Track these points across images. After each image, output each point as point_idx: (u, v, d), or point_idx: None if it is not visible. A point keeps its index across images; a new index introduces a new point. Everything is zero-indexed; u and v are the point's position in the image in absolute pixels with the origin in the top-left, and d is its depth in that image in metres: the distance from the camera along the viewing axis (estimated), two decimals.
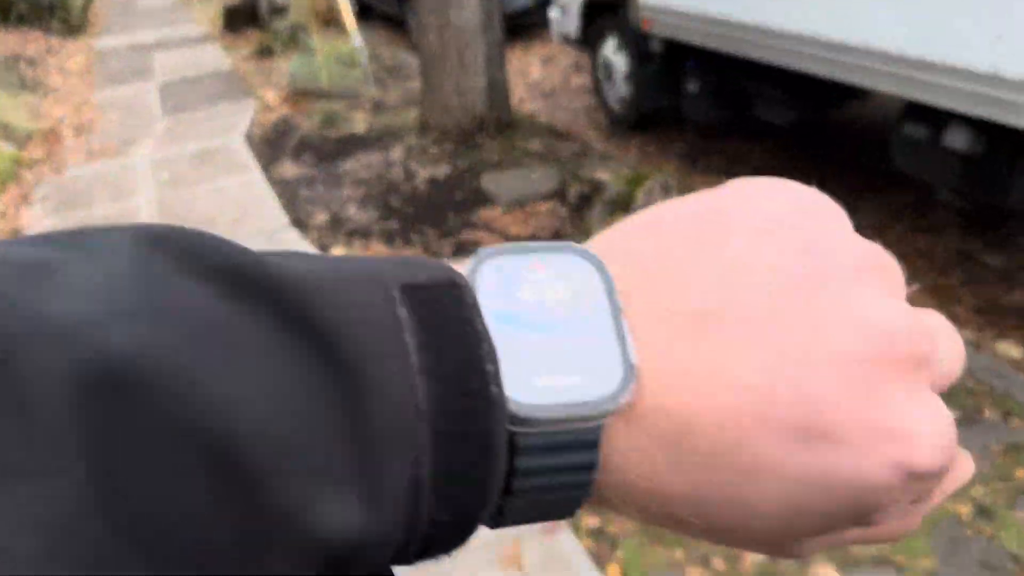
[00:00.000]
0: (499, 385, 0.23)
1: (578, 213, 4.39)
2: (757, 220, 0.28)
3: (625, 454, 0.25)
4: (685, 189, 4.26)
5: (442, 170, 5.00)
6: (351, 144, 5.79)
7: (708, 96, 5.21)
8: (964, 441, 0.28)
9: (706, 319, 0.25)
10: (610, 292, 0.26)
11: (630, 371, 0.25)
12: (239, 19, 10.32)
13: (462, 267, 0.26)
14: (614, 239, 0.29)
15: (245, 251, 0.22)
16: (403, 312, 0.23)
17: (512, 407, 0.23)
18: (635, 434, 0.25)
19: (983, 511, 2.28)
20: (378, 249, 4.18)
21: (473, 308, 0.24)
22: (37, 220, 4.78)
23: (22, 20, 11.13)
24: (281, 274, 0.21)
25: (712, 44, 4.65)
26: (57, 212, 4.88)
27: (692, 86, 5.29)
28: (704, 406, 0.24)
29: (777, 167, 5.34)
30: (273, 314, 0.21)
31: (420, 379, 0.22)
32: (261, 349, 0.20)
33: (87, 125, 7.12)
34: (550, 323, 0.25)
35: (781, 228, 0.27)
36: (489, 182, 4.81)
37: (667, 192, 3.69)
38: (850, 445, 0.24)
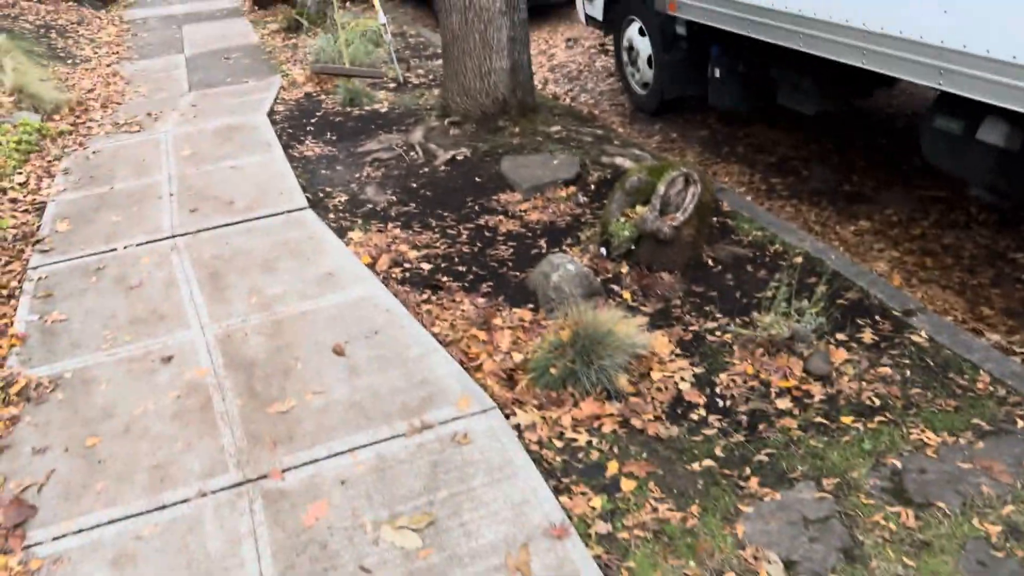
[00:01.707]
0: None
1: (598, 201, 4.23)
2: None
3: None
4: (708, 178, 4.08)
5: (463, 154, 4.84)
6: (372, 123, 5.63)
7: (733, 83, 5.00)
8: (994, 453, 0.14)
9: None
10: None
11: None
12: None
13: None
14: None
15: None
16: None
17: None
18: None
19: (1014, 530, 2.13)
20: (395, 232, 4.05)
21: None
22: (58, 193, 4.68)
23: None
24: None
25: (740, 30, 4.43)
26: (79, 186, 4.78)
27: (717, 72, 5.08)
28: None
29: (802, 157, 5.12)
30: None
31: None
32: None
33: (114, 97, 7.01)
34: None
35: None
36: (509, 166, 4.64)
37: (690, 184, 3.51)
38: None
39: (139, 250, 3.92)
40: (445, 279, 3.64)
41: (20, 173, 4.90)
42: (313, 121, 5.79)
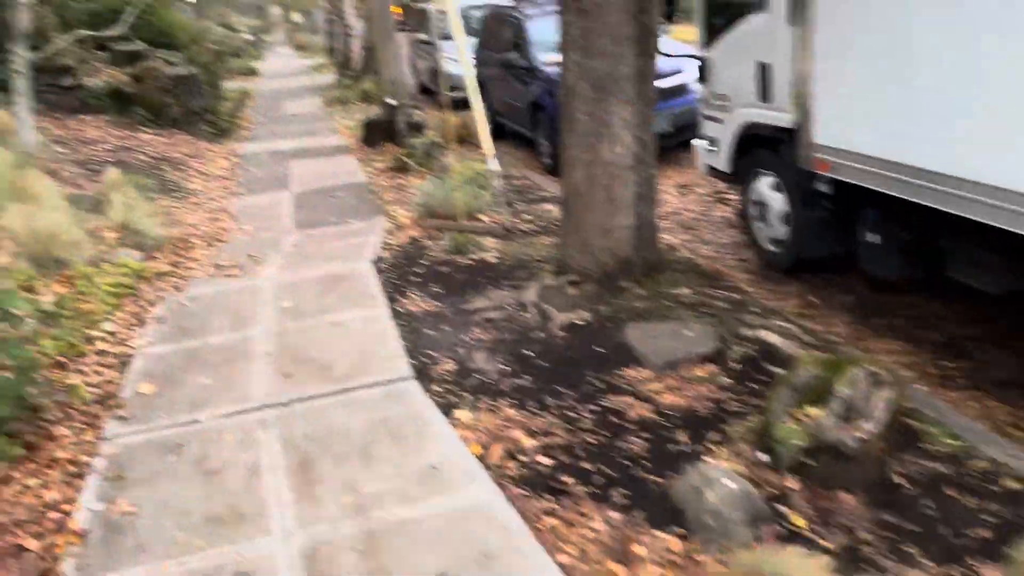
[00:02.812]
0: None
1: (744, 384, 3.62)
2: None
3: None
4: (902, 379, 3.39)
5: (582, 317, 4.35)
6: (481, 275, 5.25)
7: (892, 250, 4.41)
8: None
9: None
10: None
11: None
12: (377, 133, 10.26)
13: None
14: None
15: None
16: None
17: None
18: None
19: None
20: (508, 413, 3.52)
21: None
22: (147, 345, 4.39)
23: (175, 123, 11.49)
24: None
25: (905, 194, 3.89)
26: (170, 338, 4.49)
27: (872, 236, 4.51)
28: None
29: (974, 336, 4.42)
30: None
31: None
32: None
33: (219, 234, 6.94)
34: None
35: None
36: (635, 336, 4.11)
37: (879, 386, 2.89)
38: None
39: (225, 423, 3.50)
40: (569, 480, 3.06)
41: (111, 320, 4.66)
42: (419, 270, 5.45)
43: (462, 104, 12.17)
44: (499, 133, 9.89)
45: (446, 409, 3.56)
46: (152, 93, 11.15)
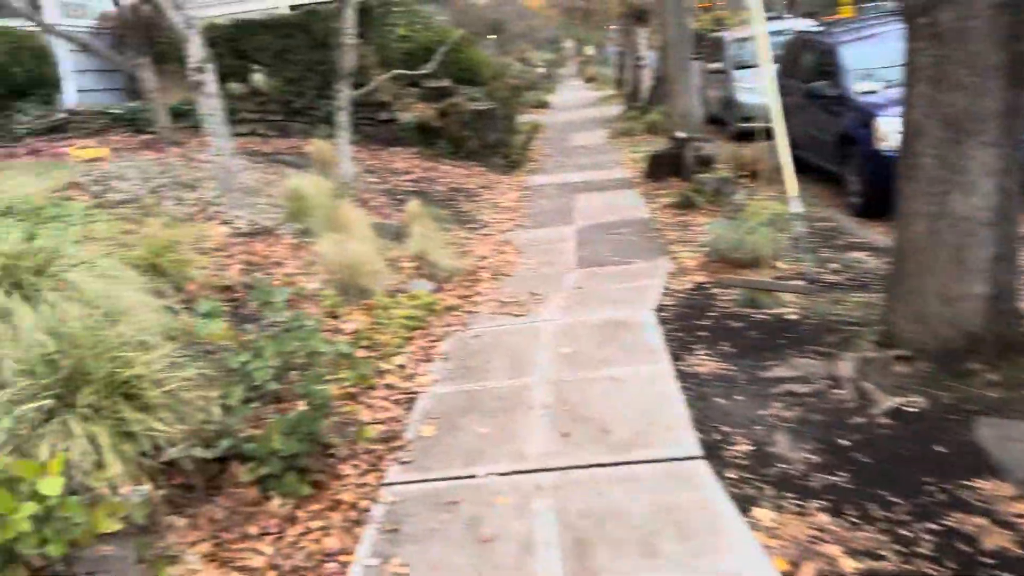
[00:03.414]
0: None
1: None
2: None
3: None
4: None
5: (914, 403, 3.58)
6: (781, 336, 4.63)
7: None
8: None
9: None
10: None
11: None
12: (663, 166, 9.90)
13: None
14: None
15: None
16: None
17: None
18: None
19: None
20: (821, 520, 2.92)
21: None
22: (432, 383, 4.38)
23: (472, 155, 12.05)
24: None
25: None
26: (453, 377, 4.45)
27: None
28: None
29: None
30: None
31: None
32: None
33: (504, 268, 6.98)
34: None
35: None
36: (989, 436, 3.28)
37: None
38: None
39: (500, 482, 3.29)
40: None
41: (402, 353, 4.74)
42: (706, 323, 4.96)
43: (752, 136, 11.40)
44: (796, 167, 9.05)
45: (742, 503, 3.03)
46: (454, 127, 11.80)
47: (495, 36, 29.25)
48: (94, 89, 12.65)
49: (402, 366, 4.59)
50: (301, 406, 3.56)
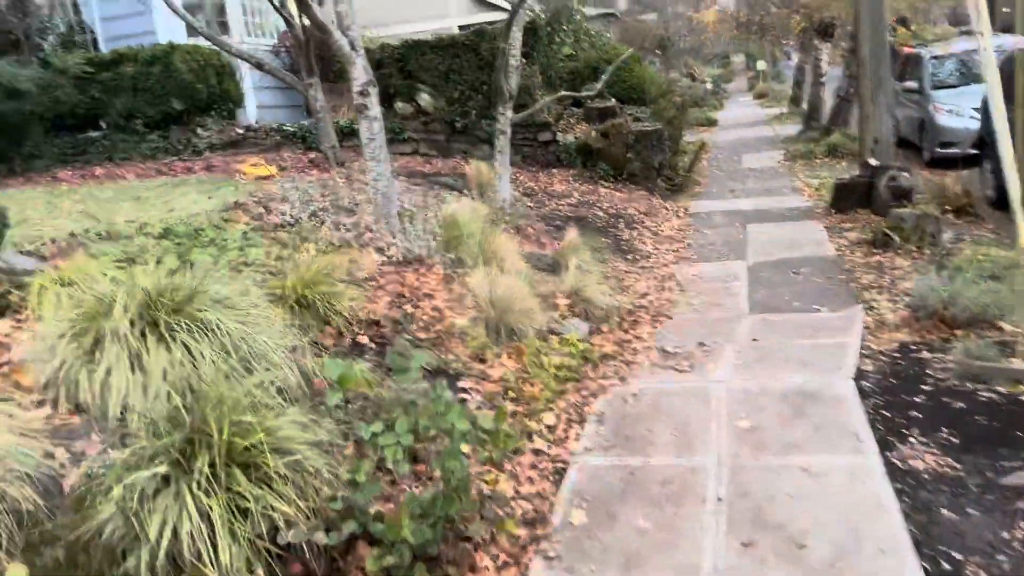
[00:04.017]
0: None
1: None
2: None
3: None
4: None
5: None
6: (1018, 422, 3.70)
7: None
8: None
9: None
10: None
11: None
12: (850, 197, 8.85)
13: None
14: None
15: None
16: None
17: None
18: None
19: None
20: None
21: None
22: (584, 451, 3.82)
23: (633, 178, 11.42)
24: None
25: None
26: (608, 446, 3.87)
27: None
28: None
29: None
30: None
31: None
32: None
33: (665, 307, 6.33)
34: None
35: None
36: None
37: None
38: None
39: None
40: None
41: (551, 410, 4.22)
42: (919, 400, 4.10)
43: (951, 163, 10.05)
44: (1004, 202, 7.78)
45: None
46: (616, 148, 11.23)
47: (662, 52, 28.36)
48: (273, 106, 13.16)
49: (551, 427, 4.06)
50: (436, 475, 3.13)
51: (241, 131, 11.49)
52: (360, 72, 5.87)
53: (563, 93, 10.04)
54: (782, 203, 10.26)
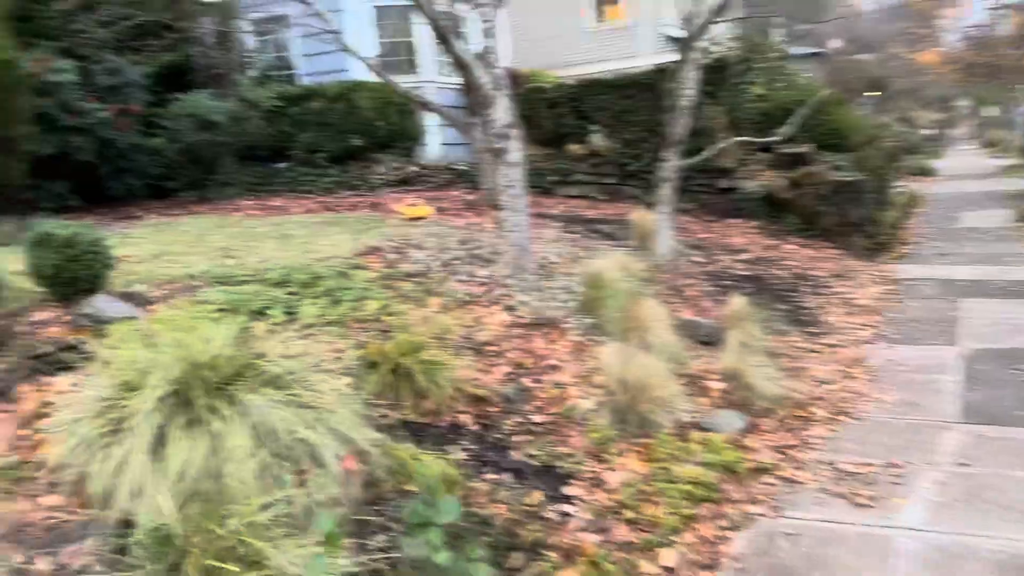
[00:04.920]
0: None
1: None
2: None
3: None
4: None
5: None
6: None
7: None
8: None
9: None
10: None
11: None
12: None
13: None
14: None
15: None
16: None
17: None
18: None
19: None
20: None
21: None
22: None
23: (826, 234, 10.01)
24: None
25: None
26: None
27: None
28: None
29: None
30: None
31: None
32: None
33: (846, 404, 5.10)
34: None
35: None
36: None
37: None
38: None
39: None
40: None
41: (675, 543, 3.26)
42: None
43: None
44: None
45: None
46: (807, 200, 9.90)
47: (875, 94, 25.86)
48: (456, 143, 12.99)
49: (670, 570, 3.11)
50: None
51: (415, 168, 11.39)
52: (502, 112, 5.27)
53: (746, 138, 8.92)
54: (1009, 274, 8.44)
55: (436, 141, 12.68)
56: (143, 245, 6.23)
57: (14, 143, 7.37)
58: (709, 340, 5.74)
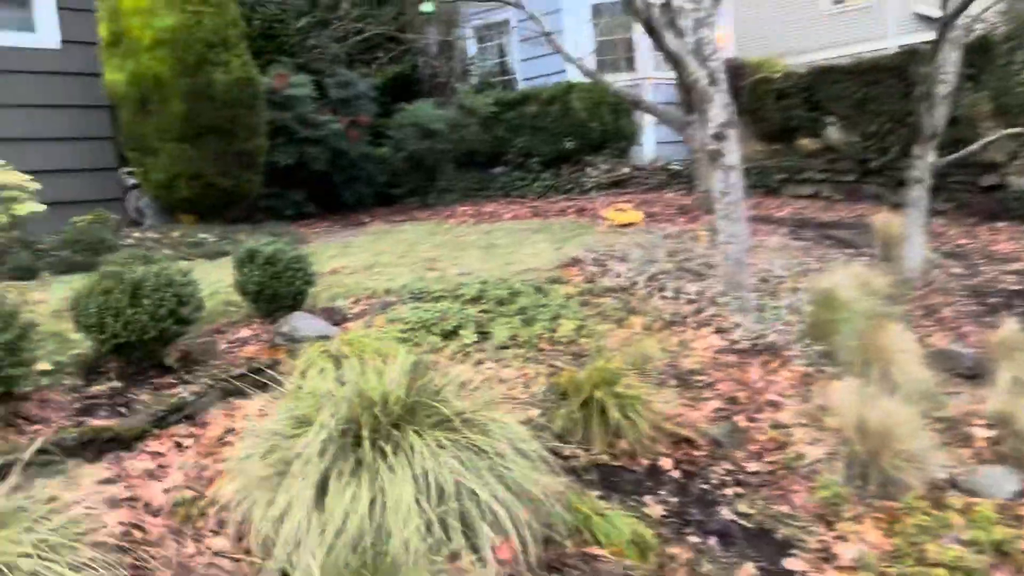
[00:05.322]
0: None
1: None
2: None
3: None
4: None
5: None
6: None
7: None
8: None
9: None
10: None
11: None
12: None
13: None
14: None
15: None
16: None
17: None
18: None
19: None
20: None
21: None
22: None
23: None
24: None
25: None
26: None
27: None
28: None
29: None
30: None
31: None
32: None
33: None
34: None
35: None
36: None
37: None
38: None
39: None
40: None
41: None
42: None
43: None
44: None
45: None
46: None
47: None
48: (673, 141, 12.32)
49: None
50: None
51: (628, 170, 10.92)
52: (719, 111, 4.66)
53: (1017, 129, 7.43)
54: None
55: (651, 139, 12.10)
56: (359, 255, 6.37)
57: (253, 156, 7.93)
58: (971, 374, 4.73)
